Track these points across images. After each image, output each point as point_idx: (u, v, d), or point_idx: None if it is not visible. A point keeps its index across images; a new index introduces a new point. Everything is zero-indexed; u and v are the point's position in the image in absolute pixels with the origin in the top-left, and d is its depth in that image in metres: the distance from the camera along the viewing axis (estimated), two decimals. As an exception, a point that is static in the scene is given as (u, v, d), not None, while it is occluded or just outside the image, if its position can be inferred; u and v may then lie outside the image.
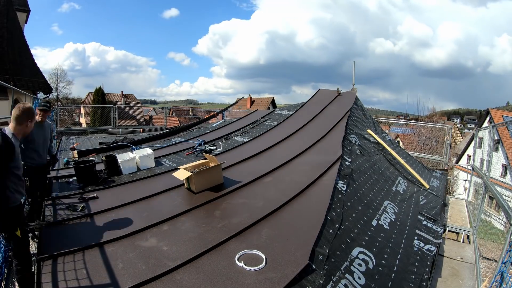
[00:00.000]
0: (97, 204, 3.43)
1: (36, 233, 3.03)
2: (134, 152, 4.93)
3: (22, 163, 2.43)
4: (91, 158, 5.27)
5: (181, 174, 3.63)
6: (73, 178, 4.25)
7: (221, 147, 5.76)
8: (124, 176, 4.40)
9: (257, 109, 9.55)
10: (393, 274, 2.64)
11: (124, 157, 4.62)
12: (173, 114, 28.40)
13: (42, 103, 3.43)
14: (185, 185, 3.76)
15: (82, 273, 2.21)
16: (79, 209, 3.25)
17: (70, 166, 5.06)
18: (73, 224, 2.96)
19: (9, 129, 2.25)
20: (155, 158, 5.00)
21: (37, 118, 3.30)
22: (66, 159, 5.51)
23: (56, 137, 10.44)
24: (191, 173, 3.57)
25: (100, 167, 4.61)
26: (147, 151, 4.97)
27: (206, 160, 4.00)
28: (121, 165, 4.53)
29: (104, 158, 4.56)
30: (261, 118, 7.58)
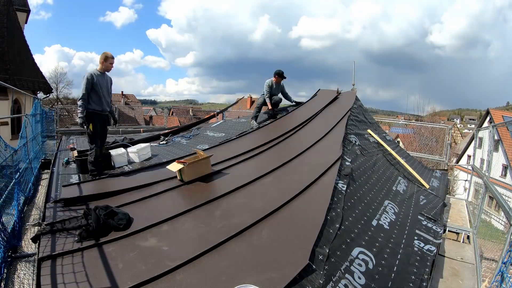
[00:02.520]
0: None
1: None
2: (130, 147, 5.35)
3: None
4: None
5: (174, 166, 3.96)
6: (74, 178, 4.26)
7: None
8: (118, 171, 4.63)
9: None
10: (393, 274, 2.64)
11: (116, 152, 5.04)
12: (173, 114, 28.43)
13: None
14: (178, 177, 4.00)
15: (81, 273, 2.21)
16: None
17: (71, 166, 5.12)
18: (73, 226, 2.94)
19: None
20: (155, 158, 5.06)
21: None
22: (66, 159, 5.51)
23: (56, 137, 10.46)
24: (182, 165, 3.87)
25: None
26: (142, 145, 5.51)
27: (196, 155, 4.37)
28: (113, 159, 4.90)
29: None
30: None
